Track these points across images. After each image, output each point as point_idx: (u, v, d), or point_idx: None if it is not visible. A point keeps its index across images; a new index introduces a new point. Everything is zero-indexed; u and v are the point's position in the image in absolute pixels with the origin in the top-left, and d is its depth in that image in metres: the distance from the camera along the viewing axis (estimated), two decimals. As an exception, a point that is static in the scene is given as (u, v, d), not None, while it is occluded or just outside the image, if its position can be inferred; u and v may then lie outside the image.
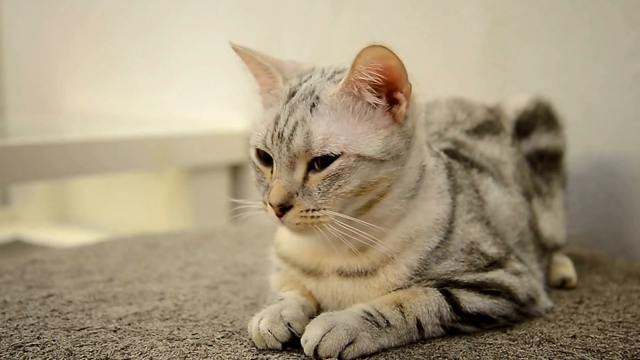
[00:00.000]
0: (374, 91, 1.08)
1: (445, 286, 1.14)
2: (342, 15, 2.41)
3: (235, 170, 2.78)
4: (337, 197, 1.06)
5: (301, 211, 1.06)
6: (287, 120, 1.09)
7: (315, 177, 1.07)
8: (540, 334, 1.15)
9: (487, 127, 1.50)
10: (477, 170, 1.34)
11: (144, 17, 3.12)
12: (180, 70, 3.01)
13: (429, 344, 1.10)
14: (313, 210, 1.06)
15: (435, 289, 1.13)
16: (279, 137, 1.08)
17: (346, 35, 2.39)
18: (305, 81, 1.14)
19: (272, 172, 1.11)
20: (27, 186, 3.31)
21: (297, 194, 1.07)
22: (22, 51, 3.65)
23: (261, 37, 2.65)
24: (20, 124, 3.36)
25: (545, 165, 1.57)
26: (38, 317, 1.25)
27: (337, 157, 1.06)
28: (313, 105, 1.09)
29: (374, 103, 1.09)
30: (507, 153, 1.47)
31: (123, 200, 3.06)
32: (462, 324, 1.14)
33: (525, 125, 1.57)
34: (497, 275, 1.18)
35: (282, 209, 1.07)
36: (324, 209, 1.06)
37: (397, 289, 1.13)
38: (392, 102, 1.10)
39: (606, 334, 1.16)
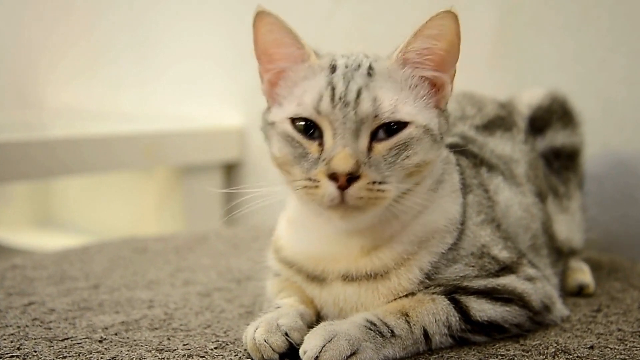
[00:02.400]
0: (433, 64, 1.10)
1: (454, 293, 1.14)
2: (343, 5, 2.41)
3: (230, 170, 2.78)
4: (403, 169, 1.06)
5: (368, 183, 1.04)
6: (348, 86, 1.07)
7: (381, 147, 1.06)
8: (555, 345, 1.14)
9: (499, 122, 1.50)
10: (486, 168, 1.34)
11: (132, 6, 3.12)
12: (171, 63, 3.01)
13: (436, 355, 1.09)
14: (380, 182, 1.05)
15: (443, 296, 1.13)
16: (340, 100, 1.06)
17: (347, 26, 2.40)
18: (336, 60, 1.13)
19: (319, 144, 1.07)
20: (7, 186, 3.31)
21: (365, 163, 1.04)
22: (1, 42, 3.65)
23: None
24: (-1, 120, 3.36)
25: (562, 164, 1.56)
26: (18, 327, 1.25)
27: (405, 125, 1.06)
28: (369, 75, 1.09)
29: (432, 76, 1.10)
30: (519, 151, 1.47)
31: (110, 202, 3.06)
32: (472, 333, 1.14)
33: (539, 122, 1.57)
34: (509, 281, 1.18)
35: (349, 180, 1.03)
36: (390, 183, 1.05)
37: (404, 295, 1.13)
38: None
39: (626, 345, 1.15)
